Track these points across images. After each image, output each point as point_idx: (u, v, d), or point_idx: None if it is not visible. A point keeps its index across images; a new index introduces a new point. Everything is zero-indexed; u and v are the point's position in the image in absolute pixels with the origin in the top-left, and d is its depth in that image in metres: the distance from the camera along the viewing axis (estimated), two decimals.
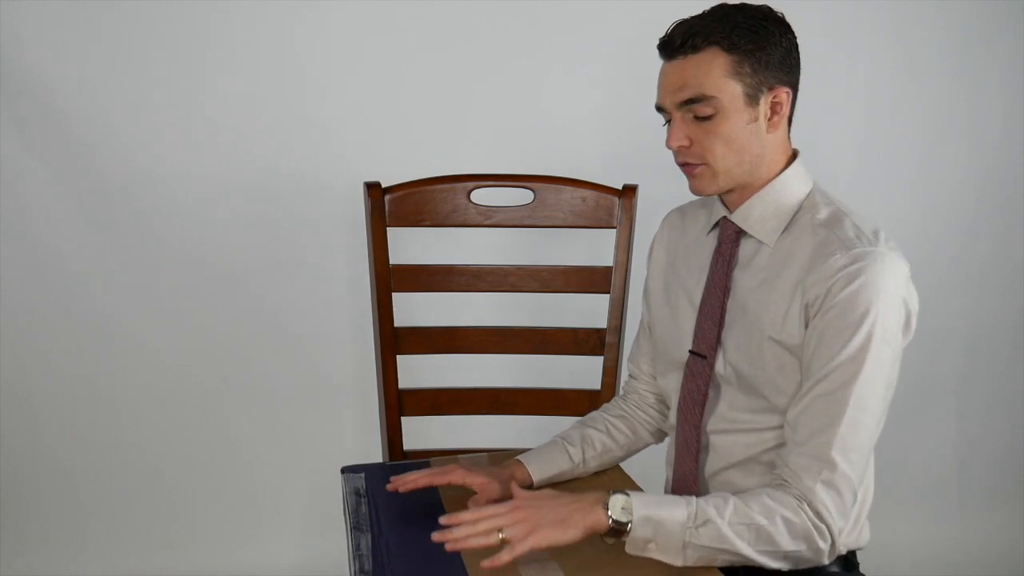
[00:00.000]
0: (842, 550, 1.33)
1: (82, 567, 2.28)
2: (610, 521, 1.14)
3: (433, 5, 2.13)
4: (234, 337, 2.27)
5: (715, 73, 1.25)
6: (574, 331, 1.82)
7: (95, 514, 2.31)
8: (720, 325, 1.34)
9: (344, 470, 1.59)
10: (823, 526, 1.18)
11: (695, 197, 1.42)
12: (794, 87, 1.31)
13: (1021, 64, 2.34)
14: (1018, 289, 2.47)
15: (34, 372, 2.23)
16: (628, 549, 1.17)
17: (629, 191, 1.78)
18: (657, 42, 1.30)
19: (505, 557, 1.11)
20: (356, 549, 1.61)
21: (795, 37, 1.30)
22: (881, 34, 2.29)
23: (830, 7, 2.23)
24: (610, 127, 2.21)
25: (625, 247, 1.78)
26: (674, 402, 1.43)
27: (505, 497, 1.32)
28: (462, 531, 1.13)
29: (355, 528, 1.59)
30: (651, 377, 1.55)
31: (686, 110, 1.27)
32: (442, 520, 1.14)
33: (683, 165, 1.32)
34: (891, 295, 1.20)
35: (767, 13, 1.29)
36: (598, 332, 1.81)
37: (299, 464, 2.33)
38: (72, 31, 2.07)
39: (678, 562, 1.17)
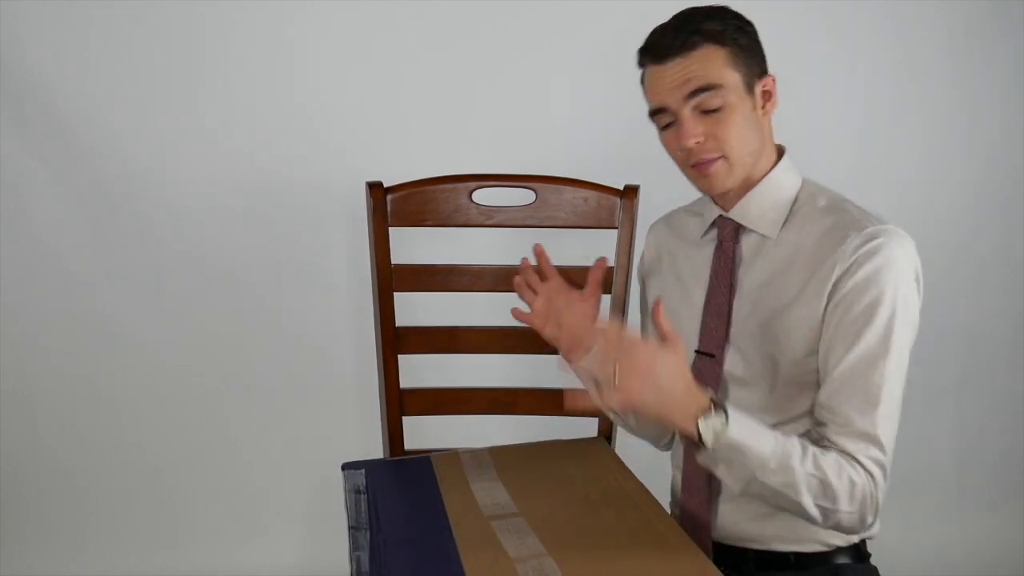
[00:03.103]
0: (854, 539, 1.34)
1: (82, 567, 2.28)
2: (695, 433, 1.15)
3: (434, 5, 2.13)
4: (234, 337, 2.26)
5: (717, 64, 1.27)
6: None
7: (95, 514, 2.30)
8: (728, 323, 1.35)
9: (345, 467, 1.59)
10: (878, 498, 1.23)
11: (679, 205, 1.45)
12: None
13: (1021, 64, 2.34)
14: (1018, 289, 2.47)
15: (34, 372, 2.23)
16: (698, 459, 1.19)
17: (631, 192, 1.78)
18: (642, 49, 1.31)
19: (600, 401, 1.12)
20: (355, 547, 1.61)
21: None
22: (881, 34, 2.29)
23: (830, 7, 2.23)
24: (612, 127, 2.21)
25: (627, 248, 1.78)
26: None
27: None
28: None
29: (354, 526, 1.60)
30: None
31: (694, 105, 1.27)
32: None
33: (696, 165, 1.30)
34: (906, 270, 1.25)
35: (730, 11, 1.32)
36: None
37: (299, 464, 2.33)
38: (72, 31, 2.07)
39: (736, 488, 1.20)
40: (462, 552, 1.23)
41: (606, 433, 1.76)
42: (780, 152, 1.37)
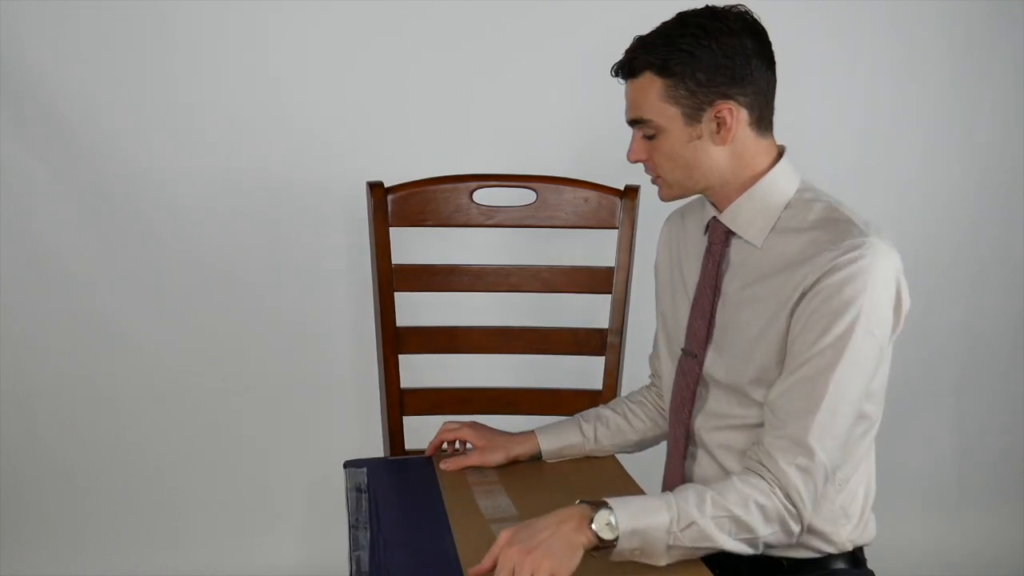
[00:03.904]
0: (848, 546, 1.33)
1: (82, 567, 2.28)
2: (596, 540, 1.13)
3: (434, 5, 2.13)
4: (234, 337, 2.26)
5: (651, 98, 1.28)
6: (575, 331, 1.83)
7: (95, 514, 2.30)
8: (710, 325, 1.35)
9: (347, 464, 1.60)
10: (794, 509, 1.20)
11: (694, 197, 1.44)
12: (752, 93, 1.27)
13: (1021, 64, 2.34)
14: (1018, 289, 2.47)
15: (34, 372, 2.23)
16: (613, 559, 1.17)
17: (631, 192, 1.79)
18: None
19: None
20: (355, 547, 1.61)
21: (751, 40, 1.26)
22: (881, 34, 2.29)
23: (830, 7, 2.23)
24: (612, 127, 2.20)
25: (627, 247, 1.78)
26: (667, 400, 1.45)
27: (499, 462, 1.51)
28: None
29: (355, 525, 1.60)
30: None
31: (636, 128, 1.33)
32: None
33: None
34: (879, 284, 1.21)
35: (710, 26, 1.26)
36: (599, 332, 1.81)
37: (299, 464, 2.33)
38: (72, 31, 2.07)
39: (662, 563, 1.18)
40: (461, 554, 1.23)
41: None
42: (780, 153, 1.34)
